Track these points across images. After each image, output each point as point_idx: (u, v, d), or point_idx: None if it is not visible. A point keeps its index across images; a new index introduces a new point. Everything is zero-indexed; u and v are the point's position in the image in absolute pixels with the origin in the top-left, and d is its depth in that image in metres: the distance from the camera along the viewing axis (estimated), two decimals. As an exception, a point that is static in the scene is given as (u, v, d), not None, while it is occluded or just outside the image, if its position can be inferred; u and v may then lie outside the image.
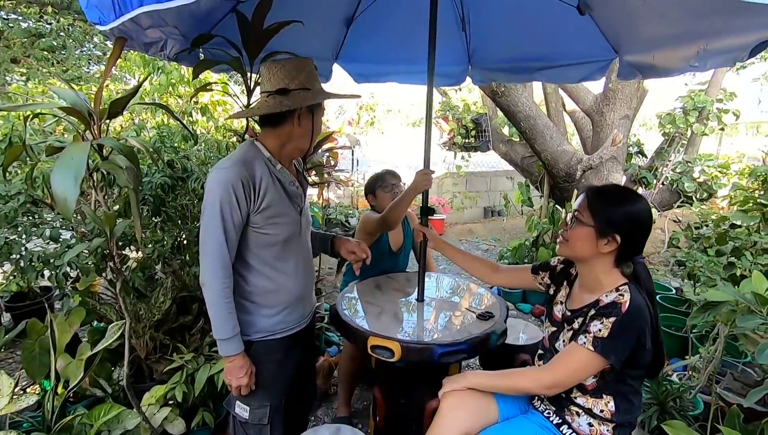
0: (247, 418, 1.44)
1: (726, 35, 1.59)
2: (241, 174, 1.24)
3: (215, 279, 1.25)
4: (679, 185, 3.85)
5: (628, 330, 1.21)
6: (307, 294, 1.55)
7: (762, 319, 1.54)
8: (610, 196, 1.32)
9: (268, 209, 1.31)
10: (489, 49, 2.48)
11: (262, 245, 1.35)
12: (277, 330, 1.44)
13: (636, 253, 1.32)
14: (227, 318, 1.28)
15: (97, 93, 1.17)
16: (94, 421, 1.75)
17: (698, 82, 4.13)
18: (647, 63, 1.97)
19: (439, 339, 1.66)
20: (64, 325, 2.13)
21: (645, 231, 1.29)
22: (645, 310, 1.24)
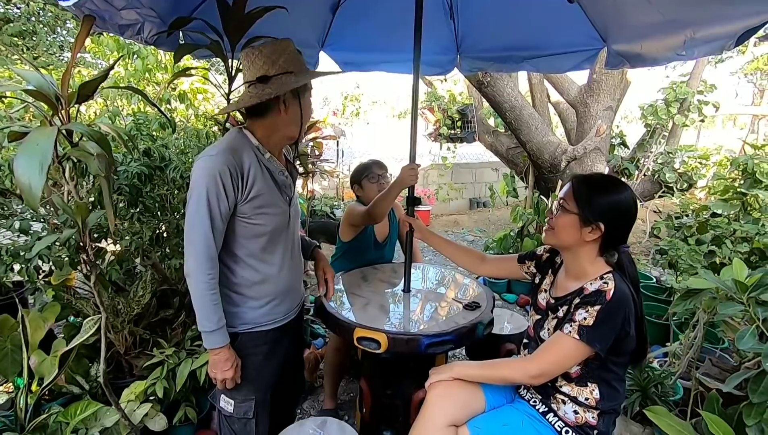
0: (231, 412, 1.41)
1: (713, 23, 1.59)
2: (228, 162, 1.20)
3: (200, 270, 1.21)
4: (660, 176, 3.91)
5: (613, 317, 1.22)
6: (295, 286, 1.52)
7: (742, 306, 1.57)
8: (596, 185, 1.32)
9: (257, 199, 1.27)
10: (477, 37, 2.46)
11: (249, 236, 1.31)
12: (264, 322, 1.41)
13: (620, 242, 1.32)
14: (212, 310, 1.24)
15: (64, 76, 1.10)
16: (70, 419, 1.69)
17: (680, 74, 4.19)
18: (635, 52, 1.98)
19: (425, 330, 1.64)
20: (38, 320, 2.06)
21: (629, 220, 1.30)
22: (629, 298, 1.25)
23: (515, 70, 2.56)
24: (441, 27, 2.39)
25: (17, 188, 1.77)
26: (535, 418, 1.39)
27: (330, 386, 2.31)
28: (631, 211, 1.30)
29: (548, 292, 1.49)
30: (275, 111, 1.27)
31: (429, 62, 2.61)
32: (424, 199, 6.49)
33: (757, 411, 1.55)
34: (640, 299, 1.32)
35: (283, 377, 1.59)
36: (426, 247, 5.75)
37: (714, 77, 10.25)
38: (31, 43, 5.41)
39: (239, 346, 1.36)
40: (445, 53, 2.56)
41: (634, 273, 1.32)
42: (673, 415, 1.79)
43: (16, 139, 1.00)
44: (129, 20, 1.58)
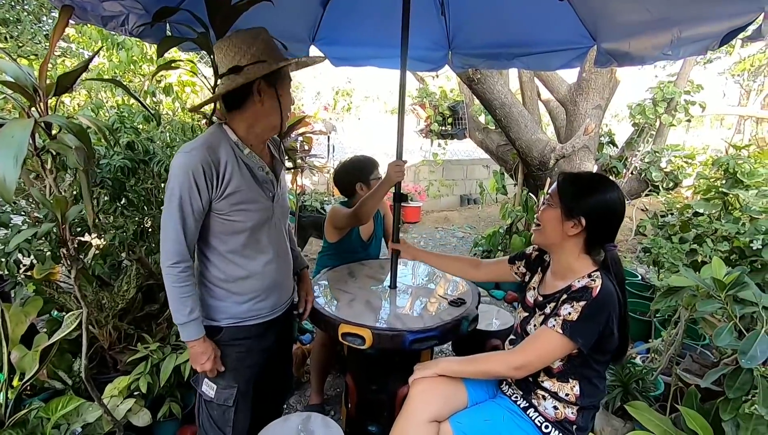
0: (212, 397, 1.41)
1: (699, 23, 1.61)
2: (203, 159, 1.19)
3: (170, 264, 1.23)
4: (646, 175, 3.96)
5: (597, 314, 1.23)
6: (282, 282, 1.50)
7: (720, 304, 1.60)
8: (579, 181, 1.35)
9: (234, 195, 1.26)
10: (468, 34, 2.45)
11: (229, 232, 1.31)
12: (248, 317, 1.40)
13: (606, 240, 1.33)
14: (182, 302, 1.25)
15: (42, 66, 1.08)
16: (51, 414, 1.67)
17: (668, 74, 4.24)
18: (623, 50, 1.99)
19: (410, 326, 1.65)
20: (20, 314, 2.03)
21: (613, 218, 1.30)
22: (614, 297, 1.26)
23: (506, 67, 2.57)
24: (432, 23, 2.38)
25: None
26: (516, 414, 1.41)
27: (316, 381, 2.32)
28: (615, 210, 1.30)
29: (536, 289, 1.50)
30: (252, 102, 1.25)
31: (420, 58, 2.61)
32: (415, 196, 6.50)
33: (732, 406, 1.59)
34: (626, 299, 1.33)
35: (268, 371, 1.58)
36: (415, 244, 5.77)
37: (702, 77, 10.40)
38: (15, 32, 5.28)
39: (221, 339, 1.36)
40: (437, 49, 2.55)
41: (620, 273, 1.33)
42: (653, 410, 1.83)
43: (-10, 131, 0.98)
44: (112, 11, 1.55)
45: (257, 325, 1.42)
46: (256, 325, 1.42)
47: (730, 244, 1.97)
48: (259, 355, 1.46)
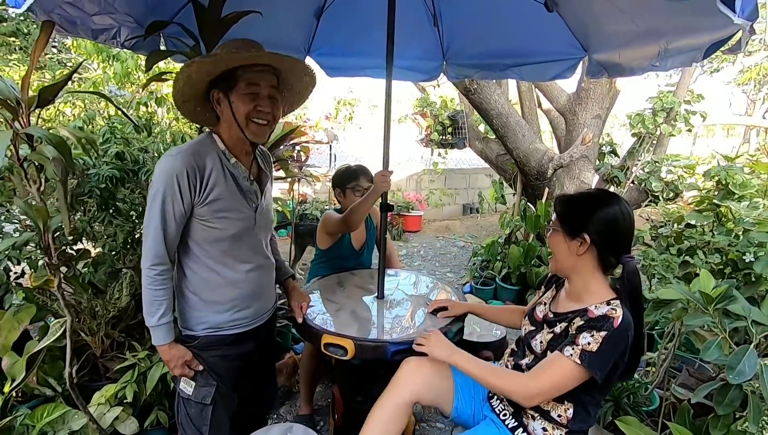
0: (190, 394, 1.40)
1: (684, 35, 1.61)
2: (188, 163, 1.21)
3: (148, 266, 1.24)
4: (646, 185, 3.92)
5: (617, 345, 1.19)
6: (262, 293, 1.50)
7: (708, 317, 1.57)
8: (575, 200, 1.35)
9: (216, 202, 1.27)
10: (462, 44, 2.47)
11: (210, 239, 1.32)
12: (226, 326, 1.41)
13: (620, 253, 1.27)
14: (153, 305, 1.26)
15: (24, 80, 1.10)
16: (37, 421, 1.68)
17: (667, 84, 4.21)
18: (614, 61, 2.00)
19: (392, 337, 1.64)
20: (12, 321, 2.05)
21: (617, 229, 1.26)
22: (632, 327, 1.22)
23: (500, 77, 2.58)
24: (426, 33, 2.40)
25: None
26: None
27: (306, 391, 2.31)
28: (617, 221, 1.26)
29: (548, 305, 1.46)
30: (219, 112, 1.28)
31: (415, 68, 2.62)
32: (416, 205, 6.50)
33: (723, 423, 1.55)
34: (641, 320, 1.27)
35: (249, 378, 1.57)
36: (416, 253, 5.76)
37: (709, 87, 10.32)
38: (24, 43, 5.43)
39: (197, 345, 1.37)
40: (432, 59, 2.56)
41: (638, 286, 1.27)
42: (644, 425, 1.78)
43: (-32, 142, 1.00)
44: (103, 25, 1.59)
45: (235, 335, 1.42)
46: (234, 335, 1.41)
47: (724, 256, 1.94)
48: (236, 360, 1.45)
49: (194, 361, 1.36)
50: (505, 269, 4.10)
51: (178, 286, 1.37)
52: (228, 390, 1.44)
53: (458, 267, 5.15)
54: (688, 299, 1.70)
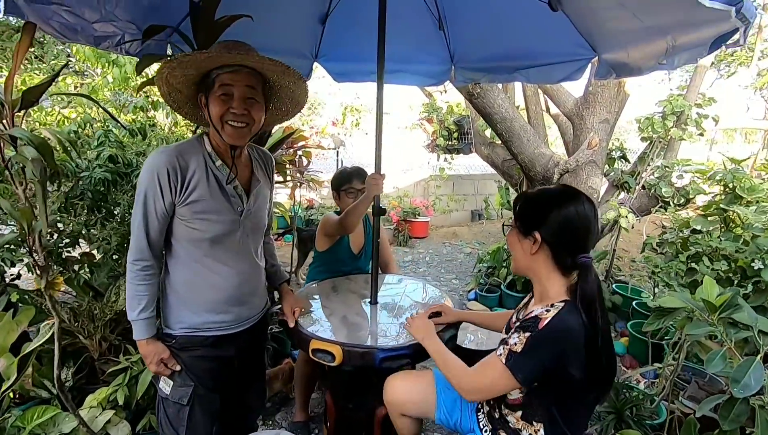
0: (168, 394, 1.39)
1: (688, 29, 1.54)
2: (170, 161, 1.22)
3: (131, 261, 1.26)
4: (656, 190, 3.81)
5: (540, 349, 1.13)
6: (244, 299, 1.46)
7: (712, 327, 1.50)
8: (531, 198, 1.30)
9: (197, 203, 1.27)
10: (468, 48, 2.42)
11: (191, 240, 1.31)
12: (202, 328, 1.39)
13: (575, 253, 1.18)
14: (135, 299, 1.27)
15: (7, 82, 1.11)
16: (27, 423, 1.68)
17: (678, 87, 4.11)
18: (622, 61, 1.92)
19: (381, 343, 1.60)
20: (11, 324, 2.07)
21: (571, 229, 1.18)
22: (570, 333, 1.12)
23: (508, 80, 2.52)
24: (432, 38, 2.36)
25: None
26: None
27: (300, 398, 2.28)
28: (572, 219, 1.18)
29: (519, 310, 1.43)
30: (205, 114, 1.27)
31: (422, 72, 2.59)
32: (422, 211, 6.45)
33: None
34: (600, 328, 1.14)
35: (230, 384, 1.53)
36: (421, 260, 5.70)
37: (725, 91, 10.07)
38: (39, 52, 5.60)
39: (174, 345, 1.37)
40: (439, 64, 2.52)
41: (593, 291, 1.15)
42: (646, 439, 1.72)
43: (-54, 143, 1.01)
44: (105, 32, 1.59)
45: (213, 338, 1.39)
46: (211, 338, 1.39)
47: (732, 263, 1.86)
48: (214, 362, 1.43)
49: (172, 359, 1.35)
50: (510, 276, 4.03)
51: (161, 284, 1.37)
52: (206, 391, 1.41)
53: (464, 274, 5.08)
54: (692, 308, 1.63)
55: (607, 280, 4.03)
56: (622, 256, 5.54)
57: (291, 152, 3.18)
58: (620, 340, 3.39)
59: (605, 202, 4.34)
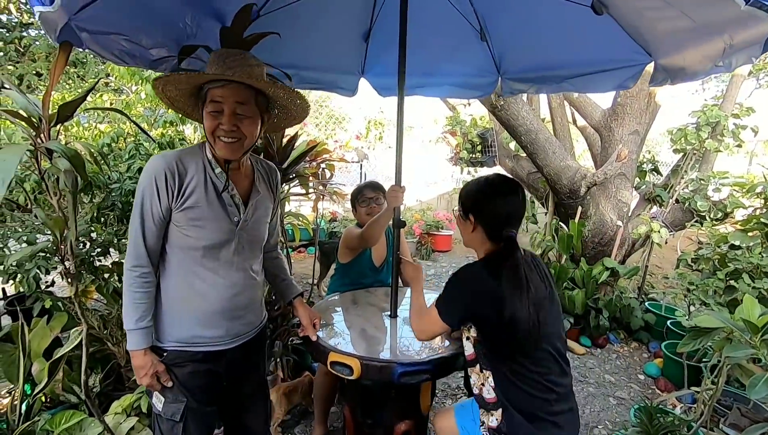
0: (160, 410, 1.34)
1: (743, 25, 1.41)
2: (168, 166, 1.21)
3: (129, 267, 1.23)
4: (691, 204, 3.64)
5: (453, 289, 1.38)
6: (237, 314, 1.39)
7: (753, 349, 1.40)
8: (467, 190, 1.50)
9: (192, 210, 1.24)
10: (514, 58, 2.37)
11: (184, 247, 1.27)
12: (192, 343, 1.32)
13: (502, 230, 1.38)
14: (132, 308, 1.23)
15: (45, 98, 1.18)
16: (55, 427, 1.73)
17: (713, 97, 3.94)
18: (679, 65, 1.77)
19: (401, 357, 1.57)
20: (45, 330, 2.15)
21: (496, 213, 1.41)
22: (478, 278, 1.33)
23: (556, 91, 2.41)
24: (474, 49, 2.31)
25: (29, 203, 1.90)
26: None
27: (319, 412, 2.26)
28: (497, 205, 1.41)
29: None
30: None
31: (467, 85, 2.57)
32: (446, 224, 6.39)
33: (775, 472, 1.36)
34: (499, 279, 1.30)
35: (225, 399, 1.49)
36: (444, 274, 5.63)
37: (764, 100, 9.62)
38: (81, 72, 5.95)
39: (165, 360, 1.31)
40: (485, 75, 2.48)
41: (509, 254, 1.33)
42: (683, 469, 1.61)
43: (-12, 155, 1.07)
44: (161, 56, 1.67)
45: (202, 354, 1.33)
46: (201, 354, 1.33)
47: (775, 281, 1.74)
48: (208, 377, 1.37)
49: (165, 374, 1.30)
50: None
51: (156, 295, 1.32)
52: (200, 406, 1.35)
53: (488, 288, 4.97)
54: (731, 328, 1.53)
55: (639, 298, 3.86)
56: (655, 272, 5.32)
57: (314, 165, 3.22)
58: (654, 361, 3.23)
59: (636, 216, 4.19)
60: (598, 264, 3.63)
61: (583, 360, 3.37)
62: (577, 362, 3.34)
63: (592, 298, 3.54)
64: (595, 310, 3.50)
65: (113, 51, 1.44)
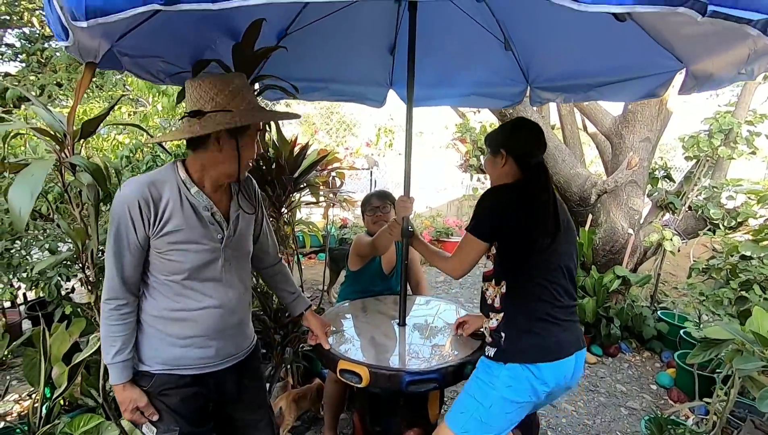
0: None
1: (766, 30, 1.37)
2: (141, 194, 1.15)
3: (104, 300, 1.19)
4: (704, 212, 3.60)
5: (487, 208, 1.51)
6: (229, 332, 1.35)
7: (763, 362, 1.39)
8: (493, 132, 1.67)
9: (173, 234, 1.19)
10: (541, 67, 2.39)
11: (166, 271, 1.23)
12: (180, 365, 1.28)
13: (531, 158, 1.52)
14: (108, 341, 1.20)
15: (70, 115, 1.24)
16: (74, 430, 1.78)
17: (724, 104, 3.90)
18: (708, 71, 1.70)
19: (409, 366, 1.60)
20: (64, 334, 2.22)
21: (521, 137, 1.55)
22: (502, 194, 1.51)
23: (583, 99, 2.39)
24: (499, 59, 2.34)
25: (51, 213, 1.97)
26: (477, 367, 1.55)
27: (329, 418, 2.28)
28: (520, 132, 1.57)
29: None
30: (210, 147, 1.19)
31: (494, 95, 2.61)
32: (456, 231, 6.39)
33: (787, 486, 1.35)
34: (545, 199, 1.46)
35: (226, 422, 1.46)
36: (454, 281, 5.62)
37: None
38: (99, 82, 6.14)
39: (152, 387, 1.27)
40: (513, 85, 2.50)
41: (540, 176, 1.50)
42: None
43: (16, 170, 1.13)
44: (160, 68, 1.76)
45: (190, 377, 1.29)
46: (189, 377, 1.29)
47: (788, 292, 1.72)
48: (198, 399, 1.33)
49: (149, 407, 1.25)
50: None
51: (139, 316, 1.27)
52: (195, 429, 1.32)
53: (498, 295, 4.95)
54: (742, 340, 1.52)
55: (651, 306, 3.82)
56: (668, 280, 5.24)
57: (324, 174, 3.27)
58: (667, 371, 3.19)
59: (648, 224, 4.15)
60: (609, 272, 3.60)
61: (594, 369, 3.34)
62: (588, 371, 3.31)
63: (603, 307, 3.52)
64: (606, 318, 3.47)
65: (150, 71, 1.56)
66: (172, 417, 1.28)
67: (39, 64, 6.42)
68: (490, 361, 1.48)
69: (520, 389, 1.40)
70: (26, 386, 2.54)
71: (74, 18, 0.86)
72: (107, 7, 0.84)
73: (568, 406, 2.83)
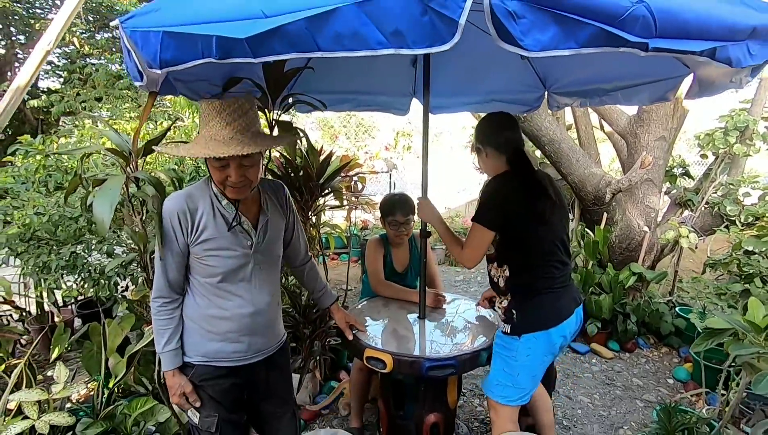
0: (197, 423, 1.45)
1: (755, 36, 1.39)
2: (179, 206, 1.33)
3: (152, 298, 1.40)
4: (720, 208, 3.63)
5: (490, 199, 1.65)
6: (259, 329, 1.50)
7: (757, 347, 1.50)
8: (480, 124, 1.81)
9: (207, 242, 1.36)
10: (557, 73, 2.49)
11: (204, 274, 1.40)
12: (218, 358, 1.45)
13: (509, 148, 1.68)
14: (158, 333, 1.40)
15: (135, 135, 1.46)
16: (132, 411, 2.02)
17: (741, 101, 3.91)
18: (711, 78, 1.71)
19: (428, 354, 1.76)
20: (117, 329, 2.47)
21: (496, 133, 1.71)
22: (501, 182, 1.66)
23: (600, 104, 2.48)
24: (516, 66, 2.44)
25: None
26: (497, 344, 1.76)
27: (356, 405, 2.46)
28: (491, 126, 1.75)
29: None
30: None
31: (513, 100, 2.75)
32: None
33: (783, 464, 1.45)
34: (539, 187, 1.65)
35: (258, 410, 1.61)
36: (472, 279, 5.74)
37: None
38: (135, 96, 6.55)
39: (193, 377, 1.44)
40: (531, 91, 2.64)
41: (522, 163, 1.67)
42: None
43: (97, 184, 1.35)
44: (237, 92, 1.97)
45: (225, 369, 1.45)
46: (224, 369, 1.45)
47: (790, 285, 1.81)
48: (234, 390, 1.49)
49: (193, 394, 1.42)
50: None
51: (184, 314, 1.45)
52: (233, 415, 1.49)
53: (517, 294, 5.05)
54: (739, 329, 1.63)
55: (669, 303, 3.86)
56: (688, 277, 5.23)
57: (347, 179, 3.46)
58: (684, 366, 3.24)
59: (666, 221, 4.19)
60: (625, 269, 3.67)
61: (610, 364, 3.42)
62: (604, 366, 3.40)
63: (620, 303, 3.59)
64: (622, 314, 3.54)
65: (200, 93, 1.76)
66: (213, 404, 1.45)
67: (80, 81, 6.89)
68: (506, 337, 1.71)
69: (538, 353, 1.66)
70: (81, 377, 2.81)
71: (150, 67, 1.08)
72: (176, 59, 1.07)
73: (584, 398, 2.94)
